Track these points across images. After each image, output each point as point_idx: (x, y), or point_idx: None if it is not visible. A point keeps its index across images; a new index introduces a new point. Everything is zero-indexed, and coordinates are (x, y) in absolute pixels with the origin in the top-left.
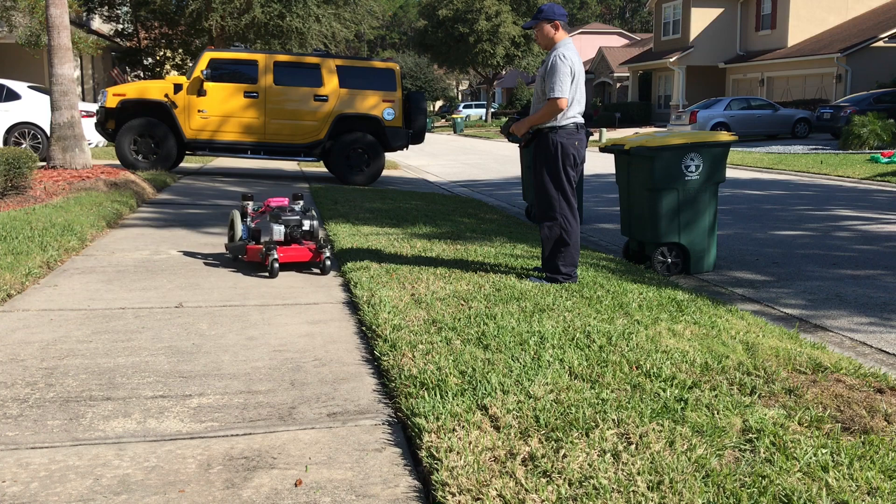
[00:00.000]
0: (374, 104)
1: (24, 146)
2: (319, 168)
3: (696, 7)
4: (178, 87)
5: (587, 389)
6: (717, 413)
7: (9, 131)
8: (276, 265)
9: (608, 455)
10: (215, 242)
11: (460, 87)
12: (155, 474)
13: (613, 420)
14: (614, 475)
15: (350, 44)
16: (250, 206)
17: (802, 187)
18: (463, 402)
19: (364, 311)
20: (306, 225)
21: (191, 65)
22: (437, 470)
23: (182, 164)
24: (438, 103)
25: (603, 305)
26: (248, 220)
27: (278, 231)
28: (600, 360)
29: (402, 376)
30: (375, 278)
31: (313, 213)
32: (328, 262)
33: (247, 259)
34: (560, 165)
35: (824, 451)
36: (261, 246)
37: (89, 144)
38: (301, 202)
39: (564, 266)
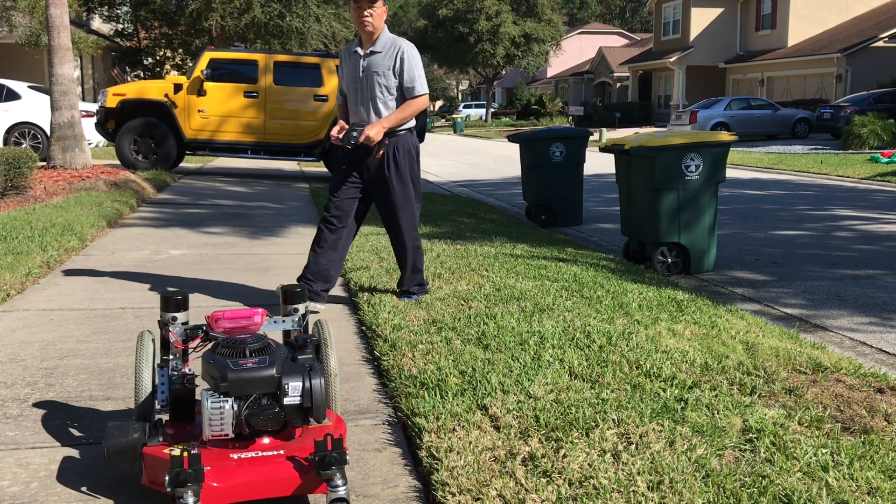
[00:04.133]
0: None
1: (24, 146)
2: (319, 168)
3: (696, 7)
4: (178, 87)
5: (587, 389)
6: (717, 413)
7: (9, 131)
8: None
9: (608, 455)
10: (215, 242)
11: (460, 87)
12: None
13: (613, 420)
14: (614, 475)
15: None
16: (178, 325)
17: (802, 187)
18: (463, 402)
19: (364, 310)
20: (292, 391)
21: (191, 65)
22: (437, 470)
23: (182, 164)
24: (438, 103)
25: (603, 305)
26: (174, 360)
27: (217, 414)
28: (600, 360)
29: (402, 376)
30: (375, 278)
31: (316, 353)
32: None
33: (146, 482)
34: (419, 169)
35: (824, 451)
36: (166, 454)
37: (89, 144)
38: (297, 312)
39: (422, 275)
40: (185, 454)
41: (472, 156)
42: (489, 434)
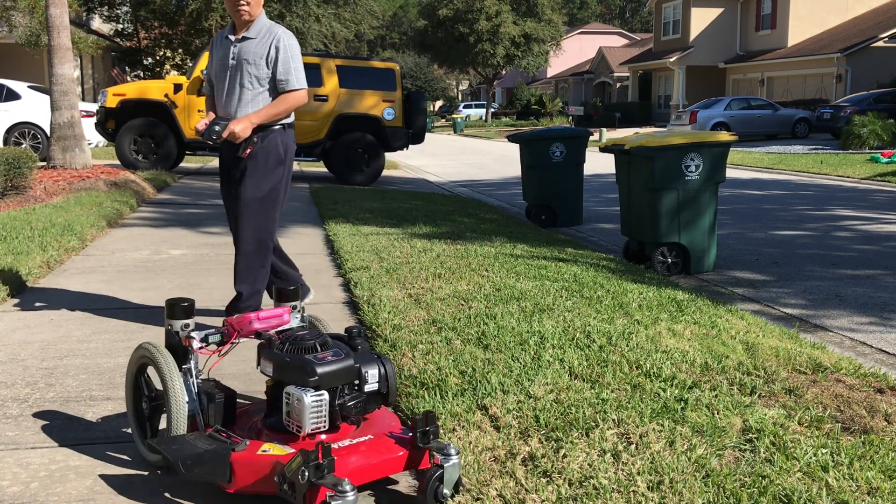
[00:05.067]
0: (374, 104)
1: (24, 146)
2: (319, 168)
3: (696, 7)
4: (178, 87)
5: (587, 389)
6: (717, 413)
7: (9, 131)
8: None
9: (608, 455)
10: (215, 242)
11: (460, 87)
12: (155, 474)
13: (613, 420)
14: (614, 475)
15: (350, 44)
16: (191, 330)
17: (802, 187)
18: (463, 402)
19: (364, 311)
20: (371, 378)
21: (191, 65)
22: None
23: (182, 164)
24: (438, 103)
25: (603, 305)
26: (193, 367)
27: (317, 407)
28: (600, 360)
29: (402, 376)
30: (375, 278)
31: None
32: (446, 481)
33: (240, 488)
34: (289, 172)
35: (824, 451)
36: (273, 456)
37: (89, 144)
38: (298, 310)
39: (259, 298)
40: (319, 447)
41: (472, 156)
42: (489, 434)
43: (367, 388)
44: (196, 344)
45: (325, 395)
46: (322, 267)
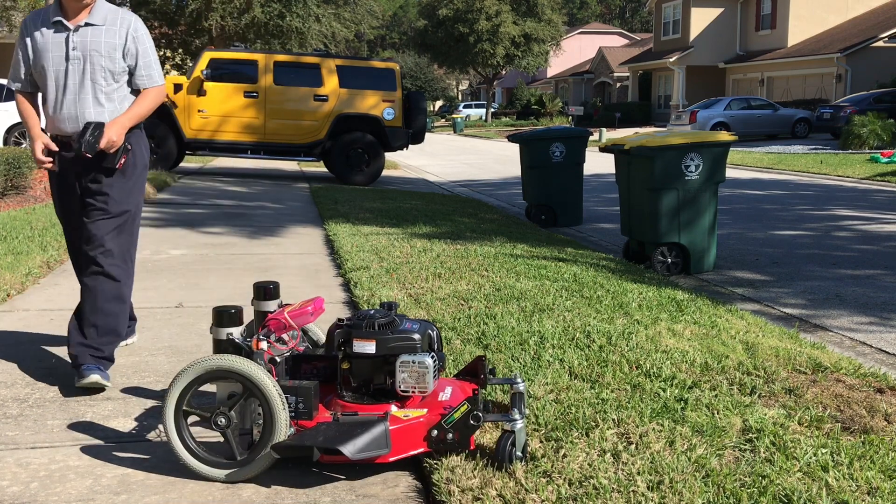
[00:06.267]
0: (374, 104)
1: (24, 146)
2: (319, 168)
3: (696, 7)
4: (178, 87)
5: (587, 389)
6: (717, 413)
7: (9, 131)
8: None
9: (608, 455)
10: (215, 242)
11: (460, 87)
12: (155, 474)
13: (613, 420)
14: (614, 475)
15: (350, 44)
16: (257, 334)
17: (802, 187)
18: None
19: None
20: (436, 339)
21: (191, 65)
22: (438, 469)
23: (182, 164)
24: (438, 103)
25: (603, 305)
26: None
27: (434, 367)
28: (600, 360)
29: None
30: (375, 278)
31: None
32: (518, 443)
33: (396, 455)
34: (146, 177)
35: (824, 451)
36: (417, 417)
37: None
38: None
39: (116, 345)
40: (477, 393)
41: (471, 156)
42: (489, 433)
43: (436, 347)
44: (266, 345)
45: (430, 357)
46: (322, 267)
